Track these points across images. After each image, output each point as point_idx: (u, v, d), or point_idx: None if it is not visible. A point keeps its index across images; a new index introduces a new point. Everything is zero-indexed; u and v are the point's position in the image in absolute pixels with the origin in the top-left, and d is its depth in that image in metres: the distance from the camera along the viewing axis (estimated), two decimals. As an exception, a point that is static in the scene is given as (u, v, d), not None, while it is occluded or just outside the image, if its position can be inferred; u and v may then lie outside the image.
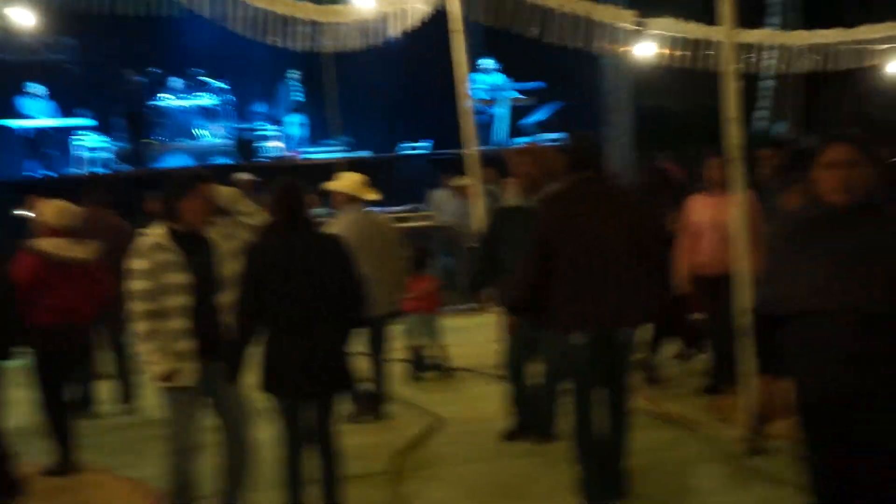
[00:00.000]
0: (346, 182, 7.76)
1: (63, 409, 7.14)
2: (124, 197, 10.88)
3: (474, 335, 9.95)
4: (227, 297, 5.46)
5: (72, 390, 7.39)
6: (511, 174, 7.20)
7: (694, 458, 6.63)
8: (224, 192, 6.59)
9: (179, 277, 5.33)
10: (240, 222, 6.50)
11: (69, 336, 7.19)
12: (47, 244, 7.11)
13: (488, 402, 7.65)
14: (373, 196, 7.94)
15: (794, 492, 4.73)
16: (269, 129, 18.03)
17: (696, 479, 6.37)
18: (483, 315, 7.32)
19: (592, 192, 5.70)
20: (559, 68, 17.01)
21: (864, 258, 3.72)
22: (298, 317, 5.15)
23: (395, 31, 10.40)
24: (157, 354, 5.31)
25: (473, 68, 16.62)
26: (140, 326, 5.35)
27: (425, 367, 9.36)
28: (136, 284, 5.32)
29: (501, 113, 18.17)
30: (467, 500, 6.13)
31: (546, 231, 5.65)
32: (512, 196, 7.28)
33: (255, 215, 6.63)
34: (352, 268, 5.38)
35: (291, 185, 5.44)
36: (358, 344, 6.11)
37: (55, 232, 7.18)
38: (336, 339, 5.35)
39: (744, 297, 6.27)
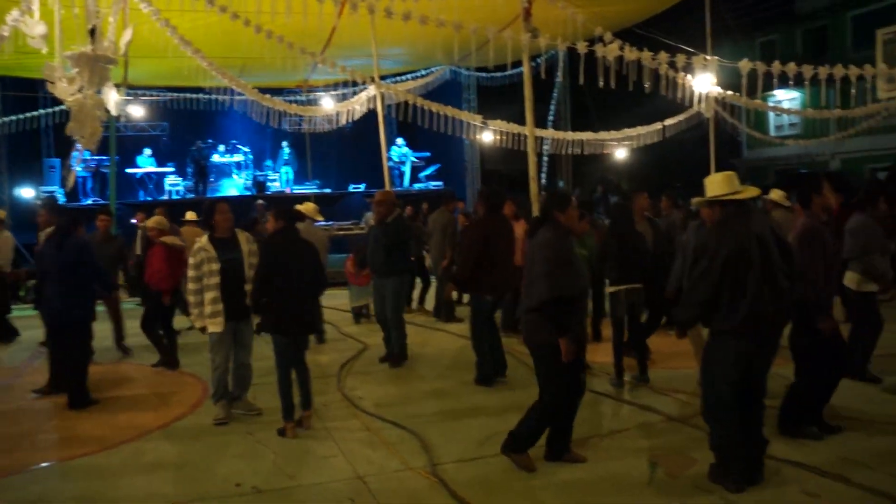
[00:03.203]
0: (306, 207, 7.43)
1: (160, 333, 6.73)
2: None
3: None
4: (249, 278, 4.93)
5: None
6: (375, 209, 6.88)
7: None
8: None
9: (213, 266, 4.84)
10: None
11: (176, 290, 6.69)
12: (168, 239, 6.69)
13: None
14: (320, 217, 7.76)
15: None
16: (272, 175, 17.49)
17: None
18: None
19: (497, 220, 5.87)
20: (439, 145, 16.82)
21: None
22: (290, 286, 4.61)
23: (345, 121, 10.03)
24: (197, 313, 4.93)
25: (391, 143, 16.30)
26: (190, 296, 4.94)
27: (361, 316, 8.76)
28: (189, 271, 4.92)
29: (405, 169, 17.81)
30: (380, 387, 5.77)
31: (481, 236, 5.68)
32: (375, 220, 6.97)
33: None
34: (318, 259, 4.88)
35: (288, 209, 5.03)
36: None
37: (164, 233, 6.75)
38: (311, 301, 4.88)
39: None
